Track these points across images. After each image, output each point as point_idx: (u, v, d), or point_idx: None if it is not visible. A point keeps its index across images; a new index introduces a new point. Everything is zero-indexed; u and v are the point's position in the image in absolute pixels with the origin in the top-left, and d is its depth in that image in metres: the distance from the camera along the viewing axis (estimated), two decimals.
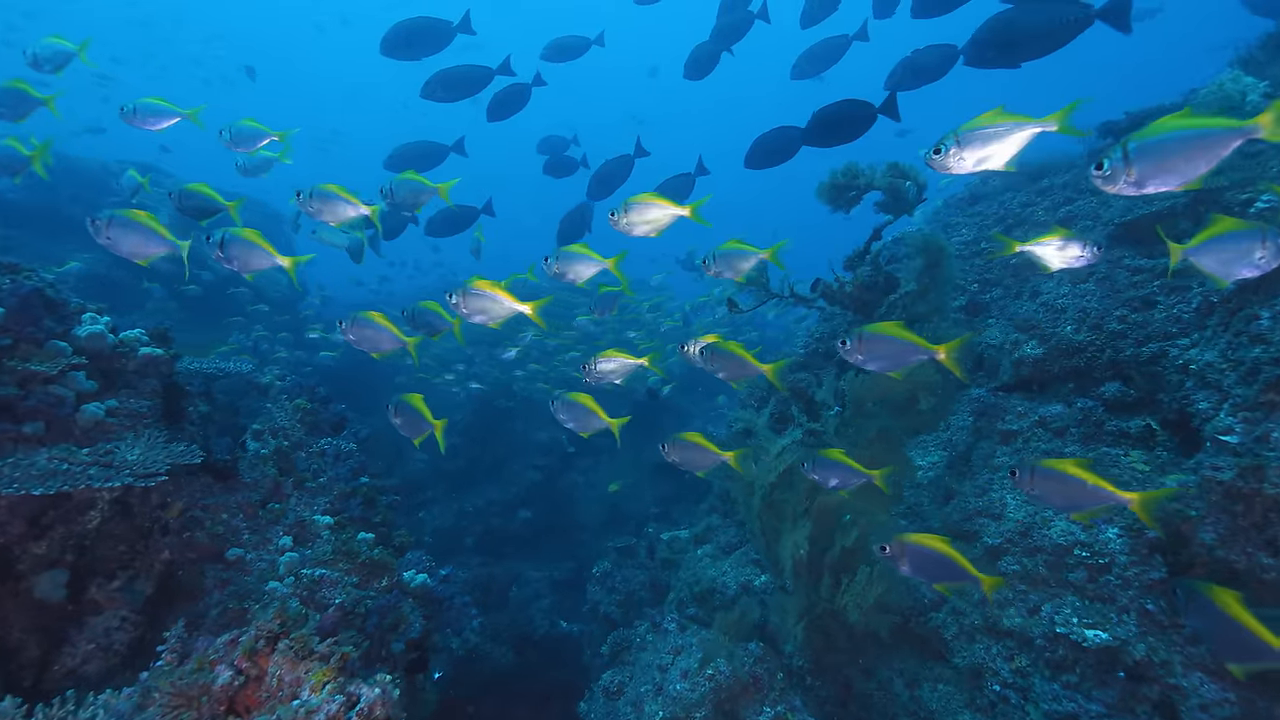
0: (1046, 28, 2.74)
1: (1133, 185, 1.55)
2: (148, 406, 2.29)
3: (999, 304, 4.11)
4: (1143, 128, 1.52)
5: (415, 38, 3.91)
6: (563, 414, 2.47)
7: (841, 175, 2.98)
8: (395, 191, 2.71)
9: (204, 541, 2.35)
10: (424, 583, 2.71)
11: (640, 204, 2.34)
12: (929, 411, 2.66)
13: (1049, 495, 1.91)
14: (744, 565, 3.79)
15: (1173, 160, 1.49)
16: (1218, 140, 1.45)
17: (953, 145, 1.88)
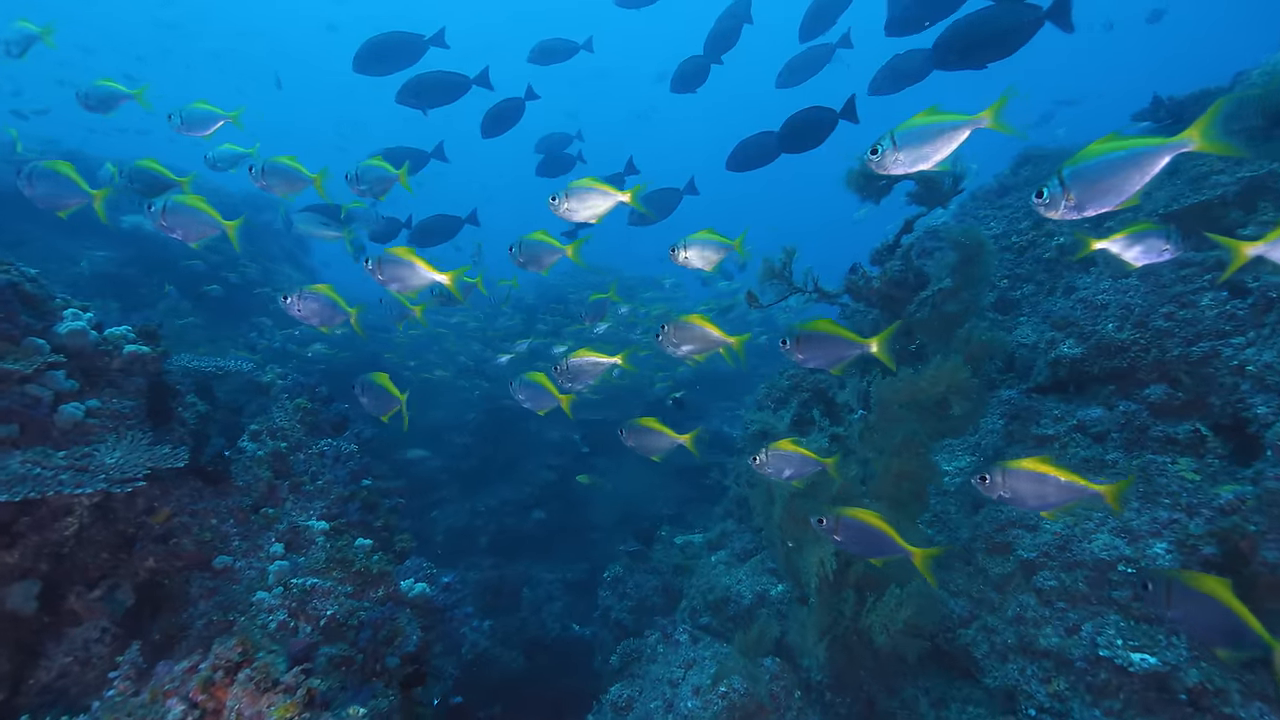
0: (1003, 30, 2.88)
1: (1073, 210, 1.62)
2: (131, 407, 2.18)
3: (1030, 301, 3.90)
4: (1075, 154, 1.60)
5: (386, 53, 3.89)
6: (520, 394, 2.55)
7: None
8: (362, 178, 2.66)
9: (190, 549, 2.24)
10: (423, 592, 2.59)
11: (581, 189, 2.29)
12: (962, 417, 2.48)
13: (1023, 495, 1.87)
14: (760, 574, 3.62)
15: (1107, 182, 1.55)
16: (1148, 159, 1.51)
17: (889, 146, 1.91)
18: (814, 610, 2.33)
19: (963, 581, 2.88)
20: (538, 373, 2.55)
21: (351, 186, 2.71)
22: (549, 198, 2.30)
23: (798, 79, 4.23)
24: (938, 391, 2.34)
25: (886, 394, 2.35)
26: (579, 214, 2.31)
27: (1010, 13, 2.86)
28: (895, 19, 3.24)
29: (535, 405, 2.58)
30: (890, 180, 2.83)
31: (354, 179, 2.70)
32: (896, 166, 1.93)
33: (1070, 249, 3.95)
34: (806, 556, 2.33)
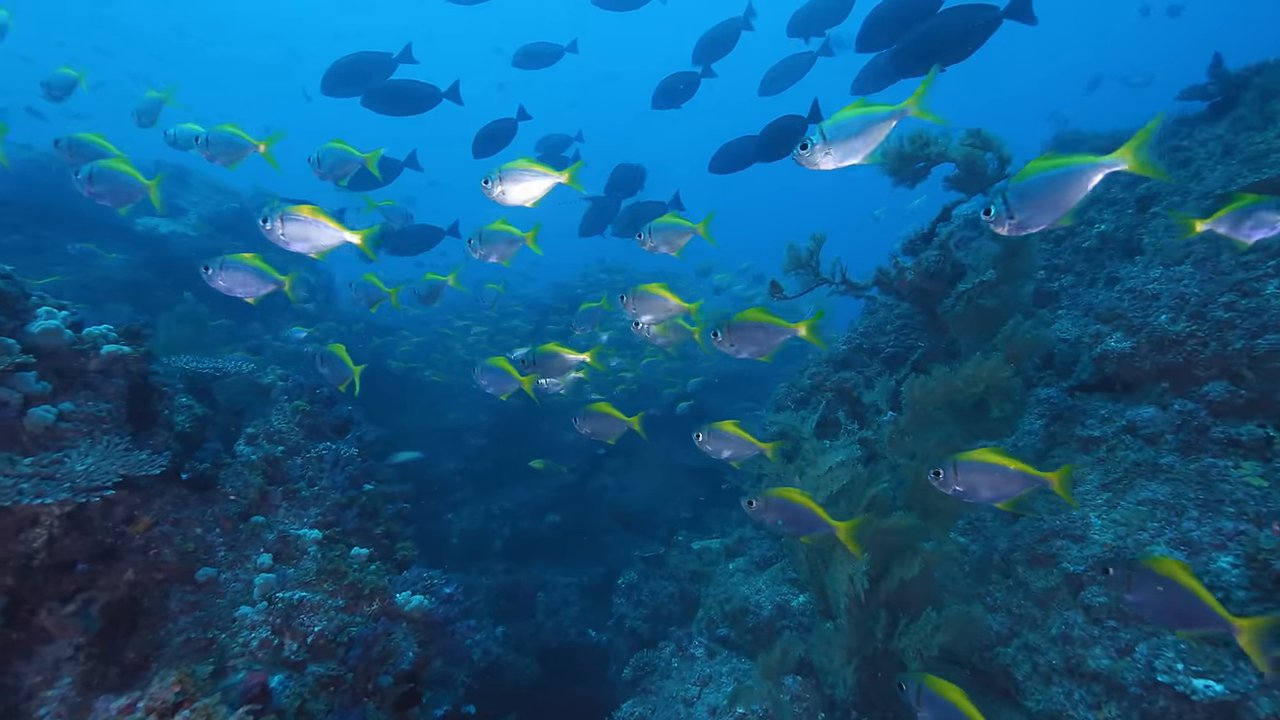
0: (960, 33, 2.94)
1: (1019, 226, 1.70)
2: (109, 410, 2.06)
3: (1070, 292, 3.66)
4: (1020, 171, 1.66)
5: (354, 73, 3.86)
6: (484, 380, 2.58)
7: (909, 143, 2.60)
8: (322, 161, 2.57)
9: (172, 560, 2.11)
10: (420, 605, 2.44)
11: (515, 170, 2.19)
12: (1002, 419, 2.28)
13: (975, 488, 1.88)
14: (779, 583, 3.43)
15: (1047, 198, 1.63)
16: (1083, 176, 1.59)
17: (819, 140, 1.93)
18: (842, 630, 2.14)
19: (1001, 595, 2.66)
20: (498, 357, 2.57)
21: (313, 170, 2.64)
22: (482, 180, 2.18)
23: (779, 87, 4.30)
24: (975, 392, 2.14)
25: (919, 394, 2.15)
26: (512, 196, 2.19)
27: (966, 16, 2.92)
28: (864, 34, 3.30)
29: (498, 389, 2.60)
30: (928, 162, 2.63)
31: (315, 162, 2.62)
32: (828, 161, 1.95)
33: (1110, 238, 3.71)
34: (834, 573, 2.14)
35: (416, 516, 6.93)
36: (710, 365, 7.92)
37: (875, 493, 2.16)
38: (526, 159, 2.20)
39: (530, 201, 2.21)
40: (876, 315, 3.74)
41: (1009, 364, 2.20)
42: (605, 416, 2.52)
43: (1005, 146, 2.65)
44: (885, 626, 2.08)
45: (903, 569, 2.13)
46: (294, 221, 2.08)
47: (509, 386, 2.60)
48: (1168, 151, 3.60)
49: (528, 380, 2.55)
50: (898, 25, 3.12)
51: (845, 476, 2.20)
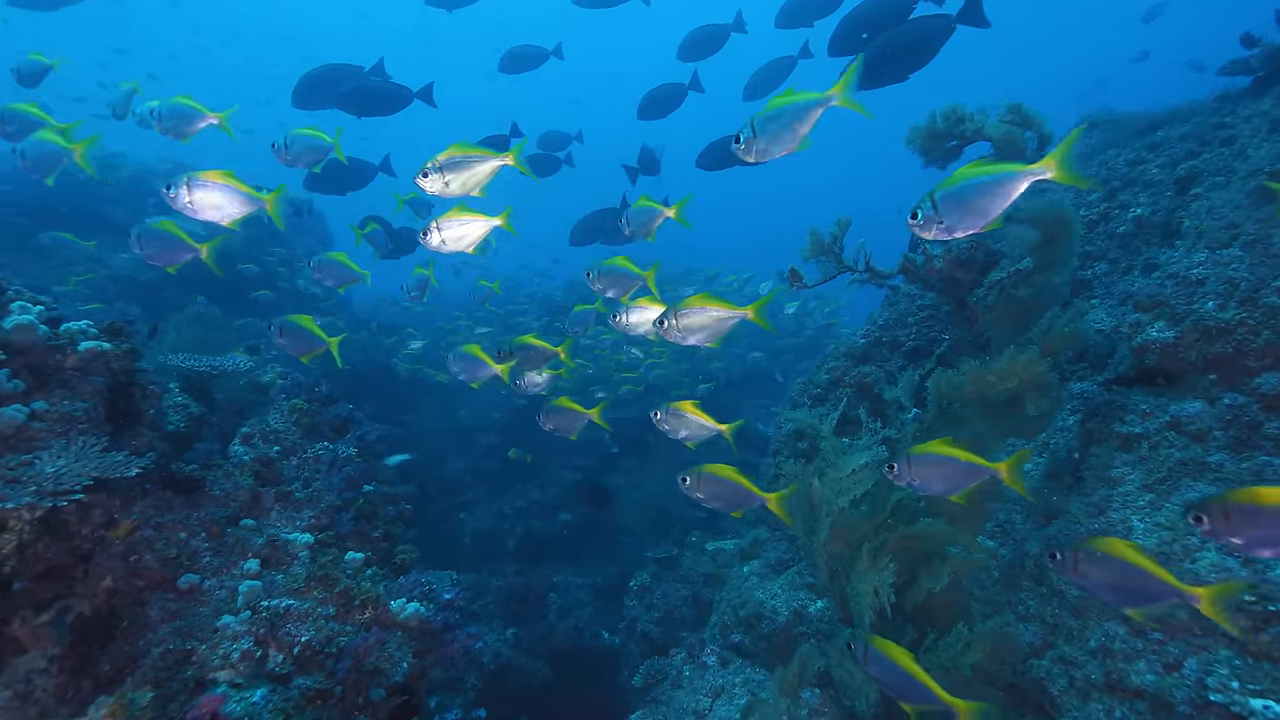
0: (918, 42, 3.02)
1: (945, 231, 1.70)
2: (85, 409, 1.96)
3: (1104, 280, 3.46)
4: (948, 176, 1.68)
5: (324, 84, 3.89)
6: (455, 366, 2.59)
7: (942, 120, 2.43)
8: (290, 146, 2.48)
9: (153, 567, 2.01)
10: (416, 612, 2.32)
11: (456, 157, 2.10)
12: (1037, 417, 2.11)
13: (929, 481, 1.88)
14: (796, 588, 3.28)
15: (974, 204, 1.64)
16: (1010, 183, 1.60)
17: (750, 134, 1.96)
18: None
19: (1034, 604, 2.49)
20: (472, 344, 2.57)
21: (278, 157, 2.58)
22: (419, 176, 2.08)
23: (762, 92, 4.40)
24: (1008, 388, 1.97)
25: (947, 390, 1.98)
26: (454, 188, 2.09)
27: (922, 26, 3.02)
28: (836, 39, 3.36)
29: (470, 376, 2.60)
30: (961, 140, 2.46)
31: (281, 148, 2.56)
32: (760, 154, 1.99)
33: (1147, 223, 3.50)
34: (857, 584, 1.98)
35: (428, 517, 6.87)
36: (721, 367, 7.79)
37: (901, 497, 2.01)
38: (462, 142, 2.11)
39: (477, 189, 2.12)
40: (897, 306, 3.56)
41: (1046, 358, 2.03)
42: (567, 411, 2.55)
43: (1046, 124, 2.47)
44: (911, 641, 1.93)
45: (931, 579, 1.97)
46: (202, 188, 1.98)
47: (482, 374, 2.60)
48: (1210, 129, 3.38)
49: (504, 368, 2.54)
50: (870, 29, 3.18)
51: (869, 480, 2.04)
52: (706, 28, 4.66)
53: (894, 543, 1.96)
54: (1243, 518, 1.38)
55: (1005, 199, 1.61)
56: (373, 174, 4.51)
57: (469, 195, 2.11)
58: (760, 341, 8.94)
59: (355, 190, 4.48)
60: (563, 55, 5.09)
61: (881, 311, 3.68)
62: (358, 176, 4.42)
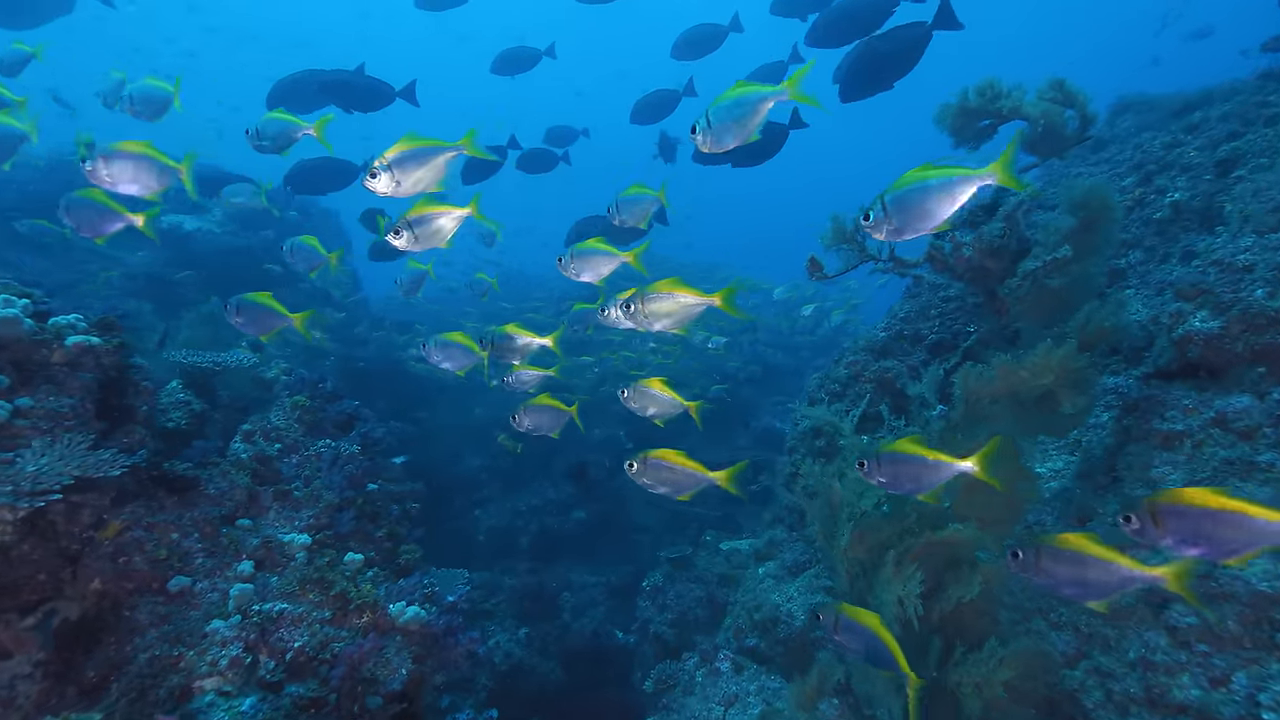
0: (900, 51, 3.07)
1: (895, 232, 1.71)
2: (72, 405, 1.90)
3: (1139, 269, 3.29)
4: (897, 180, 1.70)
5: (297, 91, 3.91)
6: (436, 355, 2.55)
7: (975, 95, 2.29)
8: (263, 131, 2.42)
9: (143, 568, 1.94)
10: (417, 616, 2.23)
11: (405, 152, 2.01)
12: (1073, 415, 1.97)
13: (898, 480, 1.86)
14: (814, 591, 3.16)
15: (922, 207, 1.66)
16: (957, 188, 1.63)
17: (705, 124, 2.02)
18: None
19: (1067, 611, 2.34)
20: (454, 331, 2.51)
21: (251, 143, 2.52)
22: (367, 175, 1.99)
23: None
24: (1042, 384, 1.82)
25: (976, 386, 1.85)
26: (406, 188, 1.99)
27: (900, 36, 3.09)
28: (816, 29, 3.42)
29: (455, 365, 2.53)
30: (996, 119, 2.32)
31: (253, 134, 2.50)
32: (714, 144, 2.04)
33: (1185, 208, 3.32)
34: (881, 593, 1.86)
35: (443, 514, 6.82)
36: (737, 366, 7.68)
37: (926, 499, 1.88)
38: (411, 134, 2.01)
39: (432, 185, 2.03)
40: (920, 298, 3.41)
41: (1084, 352, 1.89)
42: (545, 409, 2.46)
43: (1090, 102, 2.30)
44: (939, 654, 1.80)
45: (961, 587, 1.84)
46: (119, 159, 1.90)
47: (464, 362, 2.53)
48: (1253, 108, 3.19)
49: (485, 355, 2.50)
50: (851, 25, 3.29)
51: None
52: (702, 27, 4.61)
53: (920, 548, 1.84)
54: (1169, 518, 1.40)
55: (953, 203, 1.64)
56: (355, 174, 4.48)
57: (425, 192, 2.02)
58: (777, 339, 8.80)
59: (337, 190, 4.49)
60: (555, 55, 5.06)
61: (903, 303, 3.53)
62: (341, 175, 4.38)
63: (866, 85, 3.15)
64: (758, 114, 1.98)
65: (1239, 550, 1.36)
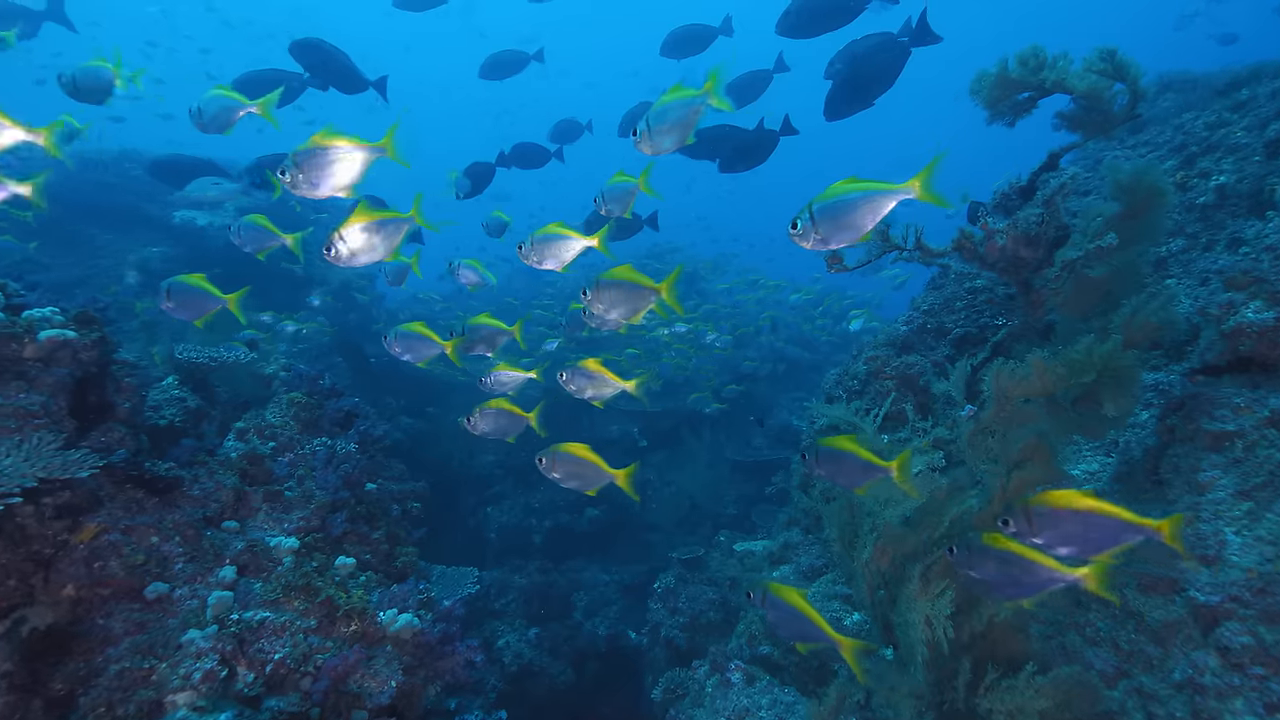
0: (881, 69, 3.19)
1: (821, 242, 1.74)
2: (43, 403, 1.81)
3: (1181, 258, 3.08)
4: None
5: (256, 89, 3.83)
6: (398, 347, 2.52)
7: (1016, 65, 2.10)
8: (204, 111, 2.38)
9: (119, 574, 1.85)
10: (409, 624, 2.12)
11: (316, 149, 1.92)
12: (1115, 417, 1.79)
13: (834, 475, 1.92)
14: (830, 598, 3.00)
15: (847, 218, 1.70)
16: (880, 200, 1.68)
17: (644, 128, 2.12)
18: (914, 676, 1.71)
19: (1105, 626, 2.17)
20: (416, 322, 2.48)
21: (195, 122, 2.43)
22: (279, 172, 1.91)
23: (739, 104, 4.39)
24: (1083, 382, 1.65)
25: (1008, 384, 1.68)
26: (321, 190, 1.90)
27: (881, 54, 3.20)
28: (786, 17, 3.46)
29: (415, 356, 2.49)
30: (1037, 91, 2.13)
31: (195, 113, 2.42)
32: (652, 148, 2.15)
33: (1232, 192, 3.10)
34: (906, 611, 1.70)
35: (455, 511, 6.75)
36: (752, 367, 7.54)
37: (959, 512, 1.72)
38: (326, 130, 1.92)
39: (346, 190, 1.92)
40: (944, 290, 3.22)
41: (1130, 349, 1.72)
42: (501, 413, 2.40)
43: (1142, 77, 2.10)
44: (969, 678, 1.64)
45: (994, 605, 1.68)
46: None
47: (425, 353, 2.46)
48: None
49: (450, 344, 2.42)
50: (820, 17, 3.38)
51: (924, 492, 1.75)
52: (692, 27, 4.65)
53: (947, 561, 1.68)
54: (1041, 519, 1.46)
55: (875, 215, 1.69)
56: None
57: (337, 196, 1.93)
58: (794, 334, 8.63)
59: None
60: (544, 59, 5.08)
61: (926, 295, 3.35)
62: None
63: (848, 104, 3.33)
64: (691, 117, 2.08)
65: (1103, 547, 1.44)
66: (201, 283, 2.00)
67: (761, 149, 3.63)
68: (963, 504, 1.74)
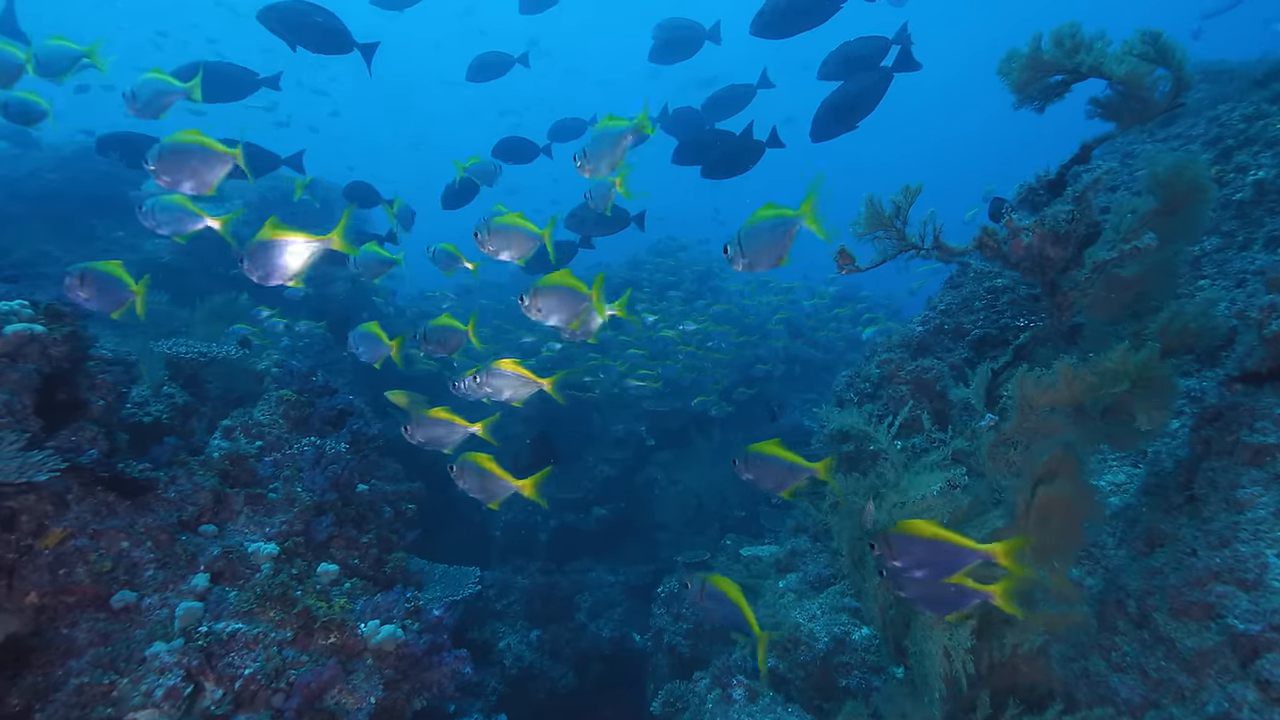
0: (866, 95, 3.37)
1: (749, 265, 1.90)
2: (4, 401, 1.72)
3: (1215, 257, 2.92)
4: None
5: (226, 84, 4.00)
6: (358, 348, 2.63)
7: (1051, 45, 1.94)
8: (138, 95, 2.33)
9: (85, 581, 1.76)
10: (392, 636, 2.02)
11: (178, 145, 1.94)
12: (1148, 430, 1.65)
13: (761, 479, 2.01)
14: (837, 610, 2.87)
15: (763, 244, 1.84)
16: (784, 227, 1.81)
17: (582, 155, 2.37)
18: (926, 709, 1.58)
19: (1132, 651, 2.03)
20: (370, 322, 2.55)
21: (129, 106, 2.39)
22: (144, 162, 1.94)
23: (719, 116, 4.52)
24: (1114, 392, 1.51)
25: (1032, 393, 1.54)
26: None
27: (865, 79, 3.37)
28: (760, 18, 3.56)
29: (370, 356, 2.57)
30: (1072, 75, 1.98)
31: (130, 97, 2.37)
32: (591, 171, 2.39)
33: (1270, 187, 2.93)
34: (922, 641, 1.57)
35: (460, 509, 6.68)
36: (765, 370, 7.41)
37: (984, 534, 1.58)
38: (189, 133, 1.95)
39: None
40: (963, 289, 3.07)
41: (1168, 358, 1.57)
42: (440, 422, 2.33)
43: (1187, 63, 1.93)
44: (988, 711, 1.51)
45: (1018, 634, 1.55)
46: None
47: (377, 352, 2.56)
48: None
49: (396, 343, 2.49)
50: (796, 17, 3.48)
51: (945, 513, 1.62)
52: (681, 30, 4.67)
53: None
54: (898, 544, 1.53)
55: (786, 239, 1.80)
56: (276, 165, 4.49)
57: (199, 195, 1.90)
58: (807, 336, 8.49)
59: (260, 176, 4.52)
60: (529, 64, 5.18)
61: (943, 294, 3.20)
62: (259, 164, 4.33)
63: (833, 127, 3.51)
64: (621, 145, 2.32)
65: (950, 572, 1.51)
66: (118, 270, 1.89)
67: (745, 158, 3.76)
68: (986, 525, 1.60)
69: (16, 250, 5.91)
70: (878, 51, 3.44)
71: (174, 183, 1.86)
